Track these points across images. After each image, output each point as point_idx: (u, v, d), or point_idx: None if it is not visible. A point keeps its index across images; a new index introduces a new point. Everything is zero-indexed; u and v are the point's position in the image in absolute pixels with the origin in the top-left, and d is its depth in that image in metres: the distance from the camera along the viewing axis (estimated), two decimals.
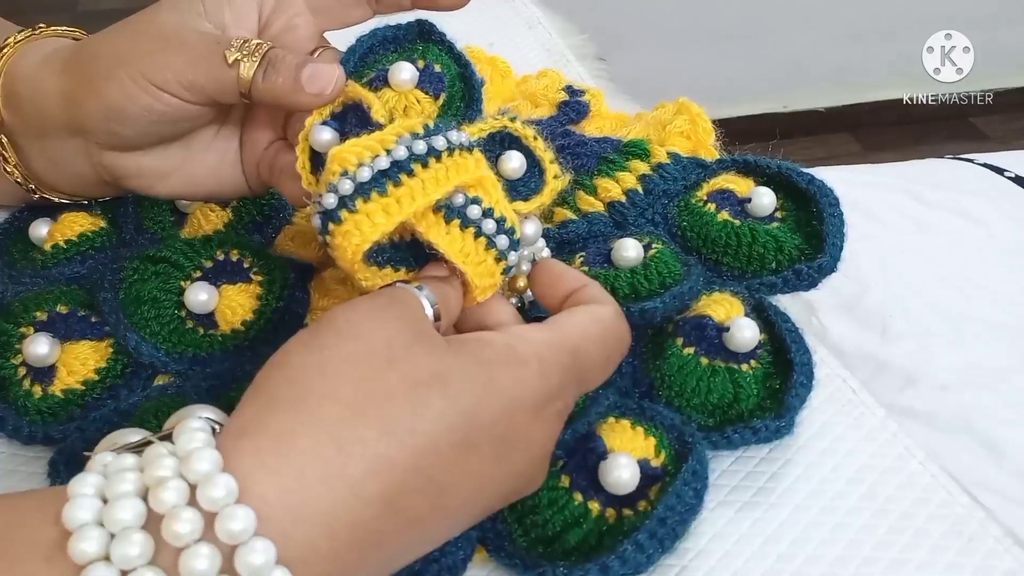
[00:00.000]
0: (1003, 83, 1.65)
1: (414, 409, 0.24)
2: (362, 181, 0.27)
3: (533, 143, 0.36)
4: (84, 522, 0.21)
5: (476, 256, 0.29)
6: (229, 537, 0.21)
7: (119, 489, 0.21)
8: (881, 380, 0.50)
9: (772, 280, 0.37)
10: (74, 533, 0.21)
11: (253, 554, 0.21)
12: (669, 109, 0.48)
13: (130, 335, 0.35)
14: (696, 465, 0.30)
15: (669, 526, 0.28)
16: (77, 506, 0.21)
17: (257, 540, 0.21)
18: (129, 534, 0.20)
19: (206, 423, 0.23)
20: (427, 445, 0.24)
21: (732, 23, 1.65)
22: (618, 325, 0.30)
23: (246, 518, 0.21)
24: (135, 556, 0.20)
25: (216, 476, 0.21)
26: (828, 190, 0.39)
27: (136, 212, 0.43)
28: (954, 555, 0.31)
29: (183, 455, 0.22)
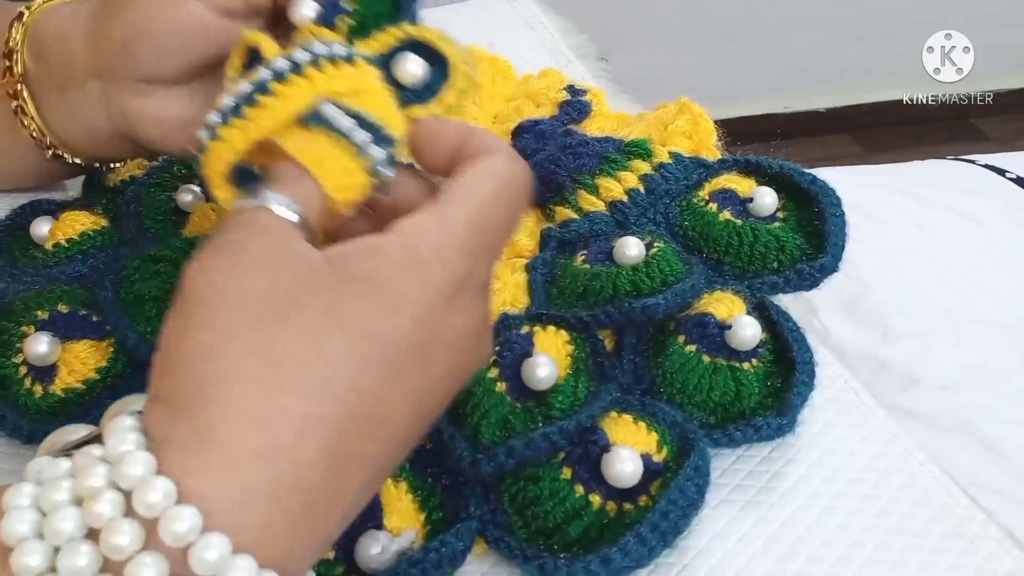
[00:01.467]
0: (1003, 83, 1.66)
1: (321, 357, 0.22)
2: (224, 110, 0.27)
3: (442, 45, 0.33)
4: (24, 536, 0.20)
5: (327, 153, 0.27)
6: (175, 540, 0.20)
7: (54, 499, 0.21)
8: (882, 380, 0.50)
9: (774, 280, 0.37)
10: (15, 548, 0.20)
11: (208, 551, 0.20)
12: (671, 109, 0.48)
13: (131, 334, 0.35)
14: (698, 461, 0.30)
15: (671, 520, 0.28)
16: (15, 519, 0.20)
17: (209, 536, 0.20)
18: (75, 545, 0.20)
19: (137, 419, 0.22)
20: (348, 388, 0.23)
21: (733, 23, 1.65)
22: (514, 171, 0.27)
23: (191, 517, 0.20)
24: (83, 567, 0.20)
25: (151, 480, 0.20)
26: (830, 190, 0.39)
27: (137, 211, 0.43)
28: (955, 556, 0.31)
29: (115, 459, 0.21)
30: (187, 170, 0.45)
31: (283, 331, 0.22)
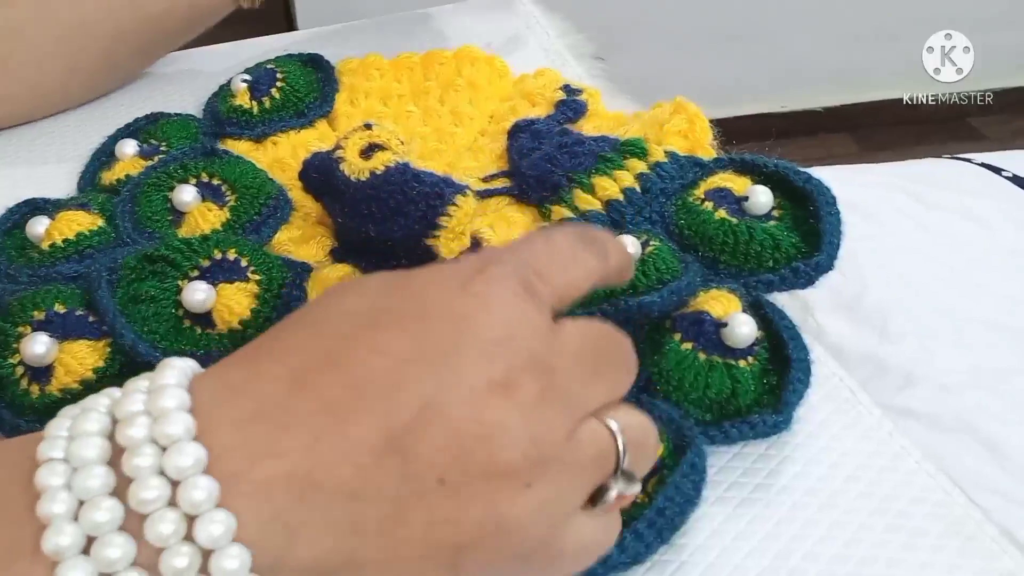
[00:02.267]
0: (1003, 83, 1.66)
1: (322, 307, 0.24)
2: None
3: None
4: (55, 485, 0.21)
5: None
6: (192, 507, 0.21)
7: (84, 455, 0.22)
8: (881, 380, 0.50)
9: (769, 278, 0.37)
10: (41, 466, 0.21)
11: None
12: (666, 108, 0.48)
13: (127, 334, 0.35)
14: (694, 458, 0.30)
15: (668, 517, 0.28)
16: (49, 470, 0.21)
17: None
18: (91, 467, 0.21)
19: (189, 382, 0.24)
20: (329, 330, 0.23)
21: (731, 23, 1.65)
22: None
23: (208, 486, 0.21)
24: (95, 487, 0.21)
25: (185, 444, 0.21)
26: (825, 189, 0.39)
27: (134, 211, 0.43)
28: (951, 555, 0.31)
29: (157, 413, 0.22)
30: (183, 170, 0.45)
31: None
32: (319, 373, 0.23)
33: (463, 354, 0.23)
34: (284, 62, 0.54)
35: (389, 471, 0.22)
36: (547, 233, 0.27)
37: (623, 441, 0.25)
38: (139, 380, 0.23)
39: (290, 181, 0.46)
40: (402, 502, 0.22)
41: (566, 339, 0.24)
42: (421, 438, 0.22)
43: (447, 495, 0.22)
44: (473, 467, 0.22)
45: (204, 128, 0.51)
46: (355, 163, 0.38)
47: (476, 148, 0.51)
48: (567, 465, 0.23)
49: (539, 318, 0.24)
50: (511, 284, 0.24)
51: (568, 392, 0.24)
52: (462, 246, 0.40)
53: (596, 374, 0.25)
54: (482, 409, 0.22)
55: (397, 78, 0.55)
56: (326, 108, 0.52)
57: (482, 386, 0.22)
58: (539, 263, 0.25)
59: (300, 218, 0.45)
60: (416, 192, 0.38)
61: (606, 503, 0.25)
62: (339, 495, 0.21)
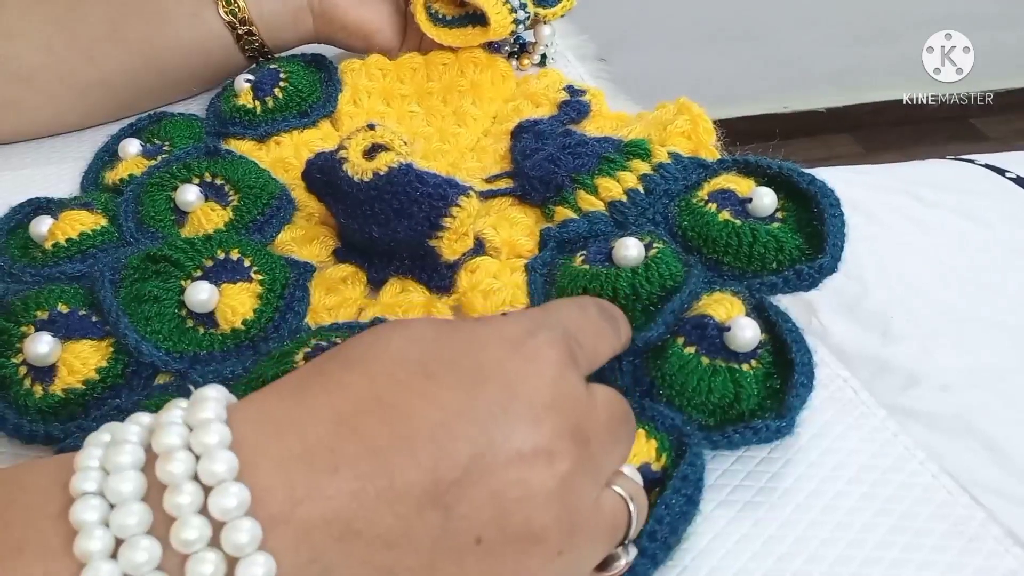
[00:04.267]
0: (1003, 83, 1.65)
1: (372, 346, 0.24)
2: None
3: None
4: (88, 488, 0.21)
5: (496, 6, 0.52)
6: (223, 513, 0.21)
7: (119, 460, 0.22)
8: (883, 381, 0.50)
9: (773, 280, 0.37)
10: (76, 500, 0.21)
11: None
12: (670, 109, 0.48)
13: (130, 334, 0.35)
14: (687, 469, 0.30)
15: (659, 539, 0.28)
16: (83, 478, 0.21)
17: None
18: (129, 504, 0.21)
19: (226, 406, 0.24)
20: (380, 371, 0.23)
21: (732, 23, 1.65)
22: None
23: (240, 493, 0.21)
24: (133, 524, 0.20)
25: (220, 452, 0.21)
26: (829, 190, 0.39)
27: (137, 211, 0.43)
28: (955, 555, 0.31)
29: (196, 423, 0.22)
30: (186, 169, 0.45)
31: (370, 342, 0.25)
32: (368, 417, 0.23)
33: (513, 416, 0.23)
34: (287, 62, 0.54)
35: (429, 524, 0.22)
36: (580, 303, 0.29)
37: (635, 509, 0.26)
38: (173, 409, 0.23)
39: (293, 181, 0.46)
40: (437, 556, 0.22)
41: (598, 407, 0.25)
42: (465, 495, 0.22)
43: (482, 555, 0.22)
44: (510, 529, 0.22)
45: (207, 128, 0.51)
46: (358, 163, 0.38)
47: (479, 149, 0.51)
48: (591, 533, 0.24)
49: (581, 386, 0.25)
50: (560, 349, 0.25)
51: (599, 461, 0.25)
52: (465, 247, 0.40)
53: (617, 443, 0.26)
54: (526, 474, 0.23)
55: (400, 78, 0.55)
56: (329, 108, 0.52)
57: (528, 450, 0.23)
58: (579, 331, 0.27)
59: (303, 218, 0.45)
60: (419, 193, 0.38)
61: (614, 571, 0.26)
62: (378, 542, 0.22)
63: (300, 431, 0.22)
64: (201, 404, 0.22)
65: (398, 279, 0.40)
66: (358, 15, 0.55)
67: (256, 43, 0.55)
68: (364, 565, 0.22)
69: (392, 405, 0.23)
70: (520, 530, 0.22)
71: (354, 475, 0.22)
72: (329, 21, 0.56)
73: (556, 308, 0.28)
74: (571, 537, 0.23)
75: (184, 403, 0.23)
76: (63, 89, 0.51)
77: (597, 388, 0.26)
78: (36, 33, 0.50)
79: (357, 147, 0.39)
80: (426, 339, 0.25)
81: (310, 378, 0.24)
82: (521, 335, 0.25)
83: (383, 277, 0.41)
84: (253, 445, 0.22)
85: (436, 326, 0.25)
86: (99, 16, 0.51)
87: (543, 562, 0.23)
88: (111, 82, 0.52)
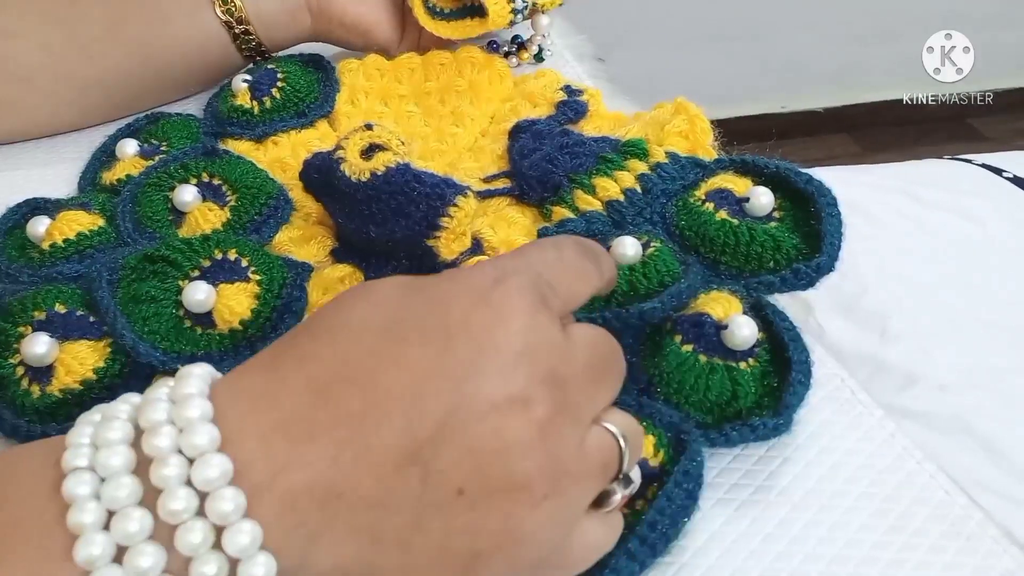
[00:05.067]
0: (1003, 83, 1.66)
1: (337, 313, 0.25)
2: None
3: None
4: (80, 465, 0.22)
5: None
6: (206, 484, 0.21)
7: (109, 436, 0.22)
8: (880, 380, 0.50)
9: (770, 279, 0.37)
10: (68, 475, 0.21)
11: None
12: (667, 109, 0.48)
13: (127, 334, 0.35)
14: (688, 464, 0.30)
15: (659, 531, 0.28)
16: (73, 454, 0.22)
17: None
18: (119, 477, 0.21)
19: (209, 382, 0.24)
20: (348, 337, 0.24)
21: (731, 23, 1.65)
22: None
23: (222, 464, 0.22)
24: (124, 496, 0.21)
25: (201, 425, 0.22)
26: (826, 190, 0.39)
27: (134, 211, 0.43)
28: (952, 555, 0.31)
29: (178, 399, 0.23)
30: (184, 170, 0.45)
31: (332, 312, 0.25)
32: (340, 384, 0.23)
33: (483, 369, 0.23)
34: (285, 62, 0.54)
35: (409, 482, 0.22)
36: (556, 243, 0.28)
37: (625, 445, 0.25)
38: (159, 388, 0.23)
39: (291, 181, 0.46)
40: (421, 512, 0.22)
41: (576, 350, 0.25)
42: (441, 451, 0.22)
43: (465, 506, 0.22)
44: (491, 480, 0.22)
45: (205, 128, 0.51)
46: (356, 163, 0.38)
47: (477, 149, 0.51)
48: (578, 475, 0.24)
49: (553, 330, 0.25)
50: (528, 295, 0.25)
51: (578, 403, 0.24)
52: (463, 247, 0.40)
53: (601, 382, 0.26)
54: (501, 424, 0.22)
55: (398, 78, 0.55)
56: (327, 108, 0.52)
57: (501, 401, 0.23)
58: (551, 273, 0.26)
59: (301, 218, 0.45)
60: (417, 193, 0.38)
61: (611, 506, 0.26)
62: (360, 504, 0.22)
63: (276, 402, 0.23)
64: (185, 380, 0.23)
65: None
66: (356, 12, 0.56)
67: (253, 42, 0.55)
68: (349, 527, 0.22)
69: (362, 370, 0.23)
70: (501, 479, 0.22)
71: (330, 441, 0.22)
72: (328, 19, 0.56)
73: (527, 251, 0.27)
74: (556, 481, 0.23)
75: (171, 381, 0.24)
76: (61, 88, 0.51)
77: (576, 329, 0.26)
78: (34, 32, 0.50)
79: (355, 147, 0.39)
80: (391, 301, 0.25)
81: (283, 350, 0.25)
82: (487, 285, 0.24)
83: (381, 277, 0.40)
84: (233, 418, 0.22)
85: (401, 287, 0.25)
86: (97, 16, 0.51)
87: (529, 508, 0.23)
88: (109, 81, 0.52)
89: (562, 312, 0.26)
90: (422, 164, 0.39)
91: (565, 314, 0.26)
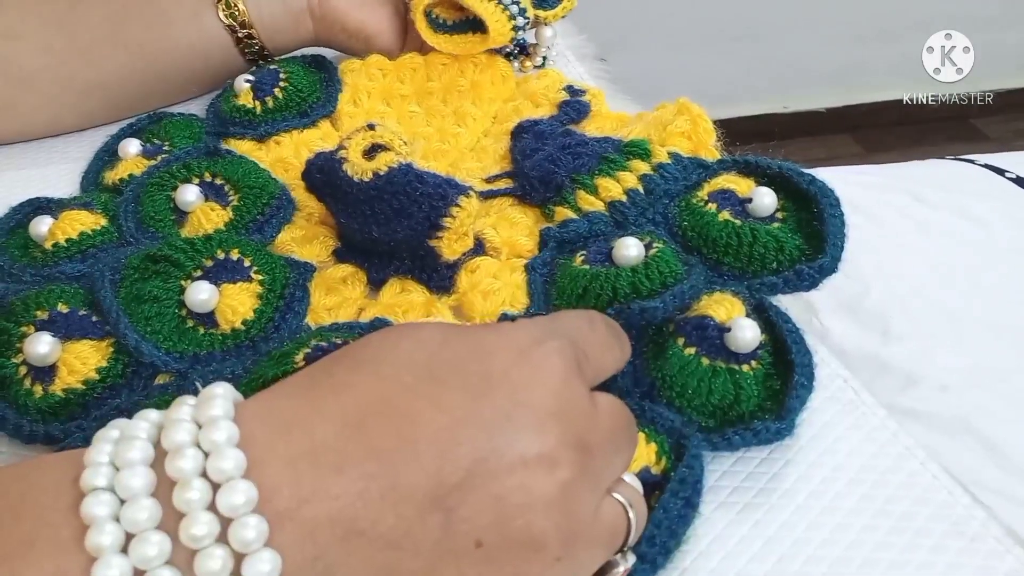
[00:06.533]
0: (1003, 83, 1.65)
1: (380, 347, 0.25)
2: None
3: None
4: (98, 483, 0.21)
5: (495, 13, 0.52)
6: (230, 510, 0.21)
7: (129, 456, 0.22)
8: (882, 381, 0.50)
9: (773, 280, 0.37)
10: (88, 495, 0.21)
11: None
12: (670, 109, 0.47)
13: (130, 334, 0.35)
14: (684, 472, 0.30)
15: (659, 543, 0.28)
16: (93, 474, 0.22)
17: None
18: (139, 500, 0.21)
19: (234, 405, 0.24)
20: (388, 373, 0.24)
21: (733, 24, 1.65)
22: None
23: (247, 490, 0.21)
24: (144, 520, 0.21)
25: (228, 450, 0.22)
26: (829, 191, 0.39)
27: (137, 211, 0.43)
28: (955, 555, 0.31)
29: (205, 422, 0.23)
30: (186, 169, 0.45)
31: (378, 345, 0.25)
32: (375, 419, 0.23)
33: (517, 423, 0.23)
34: (287, 62, 0.54)
35: (430, 527, 0.22)
36: (589, 316, 0.29)
37: (634, 517, 0.26)
38: (182, 406, 0.23)
39: (293, 181, 0.46)
40: (438, 558, 0.22)
41: (601, 418, 0.25)
42: (467, 499, 0.22)
43: (481, 558, 0.22)
44: (511, 535, 0.22)
45: (207, 128, 0.51)
46: (358, 163, 0.38)
47: (479, 149, 0.51)
48: (590, 540, 0.24)
49: (585, 395, 0.25)
50: (567, 359, 0.25)
51: (600, 470, 0.25)
52: (465, 247, 0.40)
53: (619, 452, 0.26)
54: (528, 480, 0.23)
55: (400, 79, 0.55)
56: (329, 108, 0.52)
57: (532, 458, 0.23)
58: (586, 344, 0.27)
59: (303, 218, 0.45)
60: (419, 193, 0.38)
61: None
62: (380, 543, 0.22)
63: (308, 430, 0.23)
64: (210, 402, 0.23)
65: (398, 279, 0.40)
66: (359, 18, 0.55)
67: (256, 46, 0.55)
68: (366, 564, 0.22)
69: (398, 408, 0.23)
70: (520, 535, 0.23)
71: (359, 475, 0.22)
72: (330, 24, 0.56)
73: (565, 318, 0.28)
74: (570, 544, 0.23)
75: (192, 400, 0.23)
76: (62, 91, 0.51)
77: (601, 397, 0.26)
78: (36, 35, 0.50)
79: (357, 147, 0.39)
80: (434, 343, 0.25)
81: (318, 378, 0.24)
82: (529, 343, 0.25)
83: (383, 277, 0.41)
84: (261, 443, 0.22)
85: (444, 331, 0.25)
86: (99, 18, 0.51)
87: (541, 568, 0.23)
88: (110, 84, 0.52)
89: (591, 381, 0.27)
90: (424, 164, 0.39)
91: (592, 385, 0.27)
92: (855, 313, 0.53)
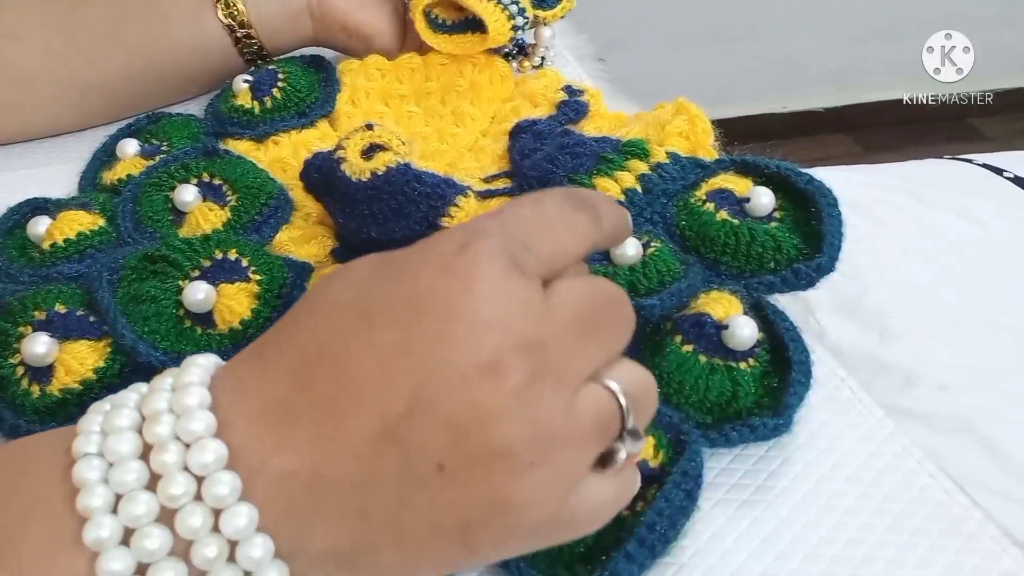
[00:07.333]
0: (1003, 83, 1.66)
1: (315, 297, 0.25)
2: None
3: None
4: (89, 452, 0.23)
5: (494, 13, 0.52)
6: (200, 468, 0.22)
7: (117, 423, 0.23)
8: (880, 380, 0.50)
9: (770, 279, 0.37)
10: (78, 461, 0.22)
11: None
12: (668, 109, 0.48)
13: (128, 334, 0.35)
14: (687, 464, 0.30)
15: (658, 532, 0.28)
16: (84, 442, 0.23)
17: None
18: (126, 462, 0.22)
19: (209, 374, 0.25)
20: (322, 320, 0.24)
21: (731, 23, 1.65)
22: None
23: (217, 449, 0.23)
24: (131, 480, 0.22)
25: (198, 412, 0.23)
26: (827, 190, 0.39)
27: (135, 211, 0.43)
28: (952, 554, 0.31)
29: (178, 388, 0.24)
30: (184, 169, 0.45)
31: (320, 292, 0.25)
32: (316, 368, 0.23)
33: (450, 340, 0.22)
34: (286, 62, 0.54)
35: (389, 460, 0.22)
36: (535, 199, 0.26)
37: (626, 402, 0.25)
38: (165, 377, 0.24)
39: (291, 181, 0.46)
40: (405, 488, 0.22)
41: (557, 309, 0.24)
42: (416, 427, 0.22)
43: (448, 480, 0.22)
44: (470, 451, 0.22)
45: (205, 128, 0.51)
46: (356, 163, 0.38)
47: (477, 149, 0.51)
48: (569, 438, 0.23)
49: (526, 293, 0.23)
50: (498, 260, 0.23)
51: (561, 364, 0.23)
52: None
53: (590, 337, 0.24)
54: (473, 394, 0.22)
55: (399, 79, 0.55)
56: (327, 108, 0.52)
57: (471, 371, 0.22)
58: (527, 232, 0.25)
59: (301, 218, 0.45)
60: (417, 193, 0.38)
61: (617, 465, 0.25)
62: (345, 485, 0.22)
63: (262, 389, 0.23)
64: (187, 370, 0.24)
65: None
66: (358, 18, 0.56)
67: (255, 46, 0.55)
68: (338, 509, 0.22)
69: (333, 353, 0.23)
70: (479, 450, 0.22)
71: (310, 424, 0.23)
72: (329, 24, 0.56)
73: (502, 211, 0.26)
74: (542, 447, 0.22)
75: (177, 370, 0.25)
76: (62, 91, 0.51)
77: (561, 286, 0.25)
78: (35, 35, 0.50)
79: (355, 147, 0.39)
80: (361, 280, 0.24)
81: (269, 338, 0.25)
82: (453, 252, 0.23)
83: None
84: (227, 406, 0.23)
85: (372, 264, 0.25)
86: (98, 19, 0.51)
87: (513, 477, 0.22)
88: (110, 84, 0.52)
89: (543, 272, 0.25)
90: (423, 164, 0.39)
91: (549, 273, 0.25)
92: (853, 312, 0.53)
